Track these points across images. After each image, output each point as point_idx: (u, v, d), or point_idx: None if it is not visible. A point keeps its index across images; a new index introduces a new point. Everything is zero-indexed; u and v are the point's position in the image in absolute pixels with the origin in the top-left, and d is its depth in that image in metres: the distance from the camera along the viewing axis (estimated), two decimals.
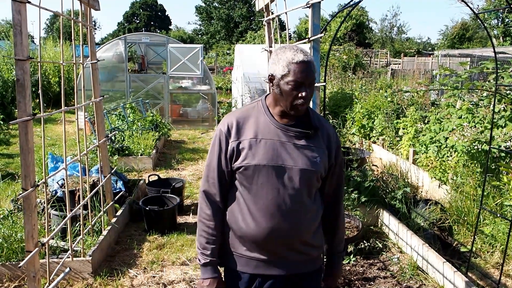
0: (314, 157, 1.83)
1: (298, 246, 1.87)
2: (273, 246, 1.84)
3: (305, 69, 1.75)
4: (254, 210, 1.81)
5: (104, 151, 4.40)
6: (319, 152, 1.85)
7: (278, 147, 1.81)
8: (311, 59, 1.77)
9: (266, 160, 1.79)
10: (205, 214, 1.90)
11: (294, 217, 1.81)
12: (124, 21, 65.96)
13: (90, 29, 3.89)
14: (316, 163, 1.83)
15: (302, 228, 1.85)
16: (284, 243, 1.84)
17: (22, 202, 2.71)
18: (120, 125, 8.10)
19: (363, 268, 3.84)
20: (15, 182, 6.04)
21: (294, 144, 1.82)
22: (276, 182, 1.79)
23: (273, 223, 1.80)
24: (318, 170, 1.83)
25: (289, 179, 1.80)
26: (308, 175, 1.82)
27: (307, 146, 1.83)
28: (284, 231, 1.81)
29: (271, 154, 1.80)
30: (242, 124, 1.84)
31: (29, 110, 2.58)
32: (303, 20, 40.17)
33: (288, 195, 1.80)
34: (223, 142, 1.83)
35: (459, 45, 34.76)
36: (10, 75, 12.19)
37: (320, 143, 1.87)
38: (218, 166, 1.85)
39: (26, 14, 2.49)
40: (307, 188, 1.84)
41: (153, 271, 3.82)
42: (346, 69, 15.84)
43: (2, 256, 3.56)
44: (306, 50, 1.84)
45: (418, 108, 7.58)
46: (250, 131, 1.82)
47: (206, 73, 11.33)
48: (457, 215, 4.45)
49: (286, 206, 1.80)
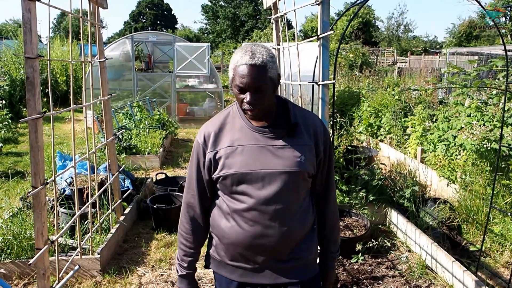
0: (297, 157, 1.71)
1: (285, 253, 1.77)
2: (258, 255, 1.77)
3: (249, 73, 1.61)
4: (237, 218, 1.75)
5: (112, 150, 4.41)
6: (303, 150, 1.72)
7: (256, 152, 1.71)
8: (260, 61, 1.61)
9: (244, 167, 1.70)
10: (184, 228, 1.90)
11: (280, 223, 1.71)
12: (131, 20, 66.19)
13: (98, 28, 3.90)
14: (300, 163, 1.71)
15: (288, 235, 1.73)
16: (269, 251, 1.75)
17: (32, 200, 2.73)
18: (128, 124, 8.13)
19: (371, 267, 3.83)
20: (24, 180, 6.08)
21: (273, 146, 1.71)
22: (257, 188, 1.70)
23: (256, 231, 1.73)
24: (304, 170, 1.71)
25: (271, 184, 1.69)
26: (292, 177, 1.70)
27: (288, 146, 1.71)
28: (269, 238, 1.72)
29: (249, 160, 1.71)
30: (218, 133, 1.78)
31: (39, 108, 2.59)
32: (309, 18, 40.12)
33: (271, 200, 1.69)
34: (201, 154, 1.79)
35: (466, 43, 34.56)
36: (18, 74, 12.28)
37: (304, 139, 1.74)
38: (198, 178, 1.82)
39: (35, 12, 2.50)
40: (293, 191, 1.72)
41: (161, 269, 3.83)
42: (352, 67, 15.80)
43: (12, 253, 3.59)
44: (262, 51, 1.64)
45: (426, 106, 7.53)
46: (226, 139, 1.75)
47: (212, 71, 11.34)
48: (466, 214, 4.42)
49: (270, 213, 1.71)
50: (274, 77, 1.68)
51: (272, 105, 1.74)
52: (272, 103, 1.74)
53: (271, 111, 1.76)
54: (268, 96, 1.67)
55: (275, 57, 1.73)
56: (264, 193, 1.70)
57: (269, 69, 1.64)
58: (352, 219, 4.50)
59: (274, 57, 1.70)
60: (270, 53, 1.69)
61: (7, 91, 11.71)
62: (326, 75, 2.62)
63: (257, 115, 1.70)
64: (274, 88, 1.71)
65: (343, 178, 4.85)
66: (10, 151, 8.17)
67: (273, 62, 1.67)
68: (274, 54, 1.71)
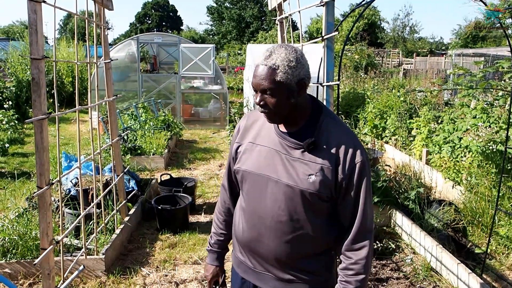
0: (308, 174, 1.59)
1: (284, 266, 1.71)
2: (256, 258, 1.76)
3: (258, 73, 1.56)
4: (243, 216, 1.77)
5: (117, 150, 4.43)
6: (317, 168, 1.59)
7: (270, 156, 1.67)
8: (271, 64, 1.54)
9: (253, 167, 1.69)
10: (217, 206, 2.01)
11: (274, 236, 1.67)
12: (136, 22, 66.45)
13: (104, 29, 3.92)
14: (307, 181, 1.58)
15: (284, 250, 1.67)
16: (265, 258, 1.73)
17: (37, 200, 2.74)
18: (133, 125, 8.16)
19: (375, 269, 3.82)
20: (30, 180, 6.11)
21: (288, 156, 1.63)
22: (259, 193, 1.68)
23: (252, 234, 1.73)
24: (310, 189, 1.58)
25: (272, 193, 1.64)
26: (293, 192, 1.60)
27: (302, 160, 1.61)
28: (264, 247, 1.70)
29: (260, 163, 1.68)
30: (249, 127, 1.79)
31: (44, 109, 2.61)
32: (314, 20, 40.08)
33: (269, 210, 1.65)
34: (232, 142, 1.84)
35: (473, 45, 34.39)
36: (25, 75, 12.35)
37: (324, 158, 1.59)
38: (229, 163, 1.89)
39: (41, 14, 2.52)
40: (295, 207, 1.62)
41: (166, 270, 3.83)
42: (358, 69, 15.78)
43: (17, 253, 3.61)
44: (281, 53, 1.57)
45: (432, 108, 7.51)
46: (252, 135, 1.75)
47: (217, 73, 11.36)
48: (471, 216, 4.40)
49: (265, 222, 1.68)
50: (288, 82, 1.55)
51: (285, 111, 1.62)
52: (286, 109, 1.61)
53: (293, 117, 1.65)
54: (277, 101, 1.57)
55: (300, 62, 1.58)
56: (265, 200, 1.67)
57: (279, 73, 1.54)
58: None
59: (297, 61, 1.57)
60: (292, 57, 1.56)
61: (13, 92, 11.78)
62: (330, 77, 2.62)
63: (270, 118, 1.64)
64: (288, 94, 1.58)
65: None
66: (16, 151, 8.22)
67: (289, 67, 1.54)
68: (298, 59, 1.57)
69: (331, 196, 1.62)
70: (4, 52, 15.65)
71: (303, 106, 1.66)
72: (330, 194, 1.61)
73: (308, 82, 1.62)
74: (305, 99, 1.66)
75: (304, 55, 1.63)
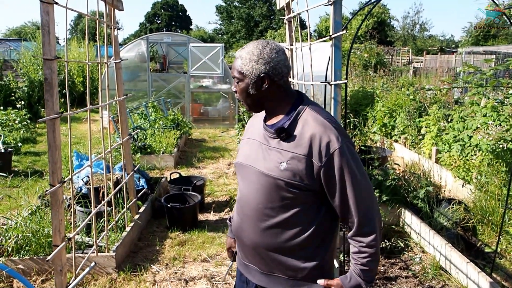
0: (279, 162, 1.63)
1: (259, 256, 1.75)
2: (242, 247, 1.84)
3: (233, 62, 1.72)
4: (236, 205, 1.88)
5: (127, 149, 4.48)
6: (288, 157, 1.62)
7: (254, 148, 1.76)
8: (239, 55, 1.69)
9: (242, 159, 1.80)
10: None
11: (252, 224, 1.73)
12: (146, 22, 66.71)
13: (114, 29, 3.97)
14: (278, 169, 1.62)
15: (261, 241, 1.71)
16: (248, 247, 1.79)
17: (50, 198, 2.79)
18: (143, 124, 8.22)
19: (384, 268, 3.82)
20: (42, 179, 6.21)
21: (266, 146, 1.70)
22: (244, 182, 1.78)
23: (238, 223, 1.83)
24: (281, 177, 1.61)
25: (251, 182, 1.72)
26: (266, 180, 1.65)
27: (276, 149, 1.66)
28: (245, 235, 1.78)
29: (247, 154, 1.78)
30: (250, 124, 1.91)
31: (57, 108, 2.65)
32: (323, 18, 39.98)
33: (248, 198, 1.74)
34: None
35: (484, 43, 34.05)
36: (37, 75, 12.50)
37: (297, 149, 1.62)
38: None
39: (53, 15, 2.56)
40: (268, 196, 1.66)
41: (175, 267, 3.87)
42: (367, 67, 15.70)
43: (30, 250, 3.67)
44: (251, 46, 1.68)
45: (441, 106, 7.46)
46: (249, 131, 1.88)
47: (226, 72, 11.39)
48: (481, 215, 4.38)
49: (243, 209, 1.77)
50: (248, 74, 1.66)
51: (249, 101, 1.73)
52: (249, 98, 1.72)
53: (271, 109, 1.74)
54: (241, 90, 1.71)
55: (262, 57, 1.65)
56: (246, 188, 1.76)
57: (241, 64, 1.67)
58: None
59: (259, 56, 1.65)
60: (256, 51, 1.66)
61: (25, 92, 11.94)
62: (338, 75, 2.63)
63: (245, 106, 1.78)
64: (249, 85, 1.68)
65: None
66: (28, 150, 8.33)
67: (250, 60, 1.65)
68: (262, 54, 1.66)
69: (306, 185, 1.62)
70: (16, 52, 15.84)
71: (276, 99, 1.73)
72: (304, 183, 1.61)
73: (276, 78, 1.68)
74: (279, 92, 1.72)
75: (277, 52, 1.68)
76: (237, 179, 1.93)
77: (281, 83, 1.71)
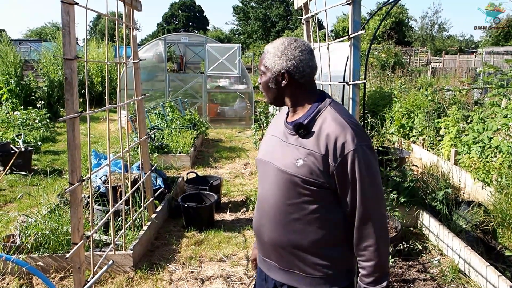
0: (296, 159, 1.62)
1: (278, 253, 1.74)
2: (262, 244, 1.82)
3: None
4: (257, 202, 1.87)
5: (144, 149, 4.51)
6: (304, 153, 1.61)
7: (274, 144, 1.77)
8: (266, 49, 1.74)
9: (261, 155, 1.81)
10: None
11: (270, 221, 1.73)
12: (163, 22, 67.32)
13: (133, 30, 4.00)
14: (295, 166, 1.62)
15: (278, 238, 1.71)
16: (266, 244, 1.78)
17: (69, 196, 2.83)
18: (160, 124, 8.29)
19: (401, 270, 3.78)
20: (61, 177, 6.30)
21: (285, 142, 1.71)
22: (263, 178, 1.78)
23: (257, 220, 1.82)
24: (297, 174, 1.60)
25: (270, 178, 1.72)
26: (284, 177, 1.65)
27: (294, 146, 1.66)
28: (264, 232, 1.77)
29: (266, 150, 1.80)
30: (273, 122, 1.93)
31: (77, 108, 2.69)
32: (340, 18, 39.73)
33: (267, 195, 1.74)
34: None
35: (504, 43, 33.42)
36: (56, 75, 12.70)
37: (314, 146, 1.61)
38: None
39: (74, 15, 2.60)
40: (284, 191, 1.66)
41: (191, 267, 3.89)
42: (385, 68, 15.55)
43: (49, 248, 3.72)
44: (278, 41, 1.73)
45: (461, 107, 7.35)
46: (271, 128, 1.88)
47: (243, 72, 11.41)
48: (501, 218, 4.30)
49: (263, 206, 1.77)
50: (271, 68, 1.70)
51: (269, 94, 1.77)
52: (269, 92, 1.76)
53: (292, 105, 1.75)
54: (263, 83, 1.75)
55: (285, 53, 1.68)
56: (265, 185, 1.76)
57: (265, 58, 1.71)
58: None
59: (282, 51, 1.68)
60: (281, 47, 1.69)
61: (45, 91, 12.15)
62: (357, 75, 2.61)
63: (266, 99, 1.80)
64: (270, 79, 1.72)
65: None
66: (48, 149, 8.47)
67: (273, 54, 1.69)
68: (285, 50, 1.68)
69: (323, 184, 1.60)
70: (36, 53, 16.12)
71: (297, 96, 1.73)
72: (320, 181, 1.60)
73: (296, 76, 1.68)
74: (300, 90, 1.72)
75: (302, 50, 1.69)
76: (253, 179, 1.91)
77: (302, 81, 1.70)
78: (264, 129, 8.77)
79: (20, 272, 3.53)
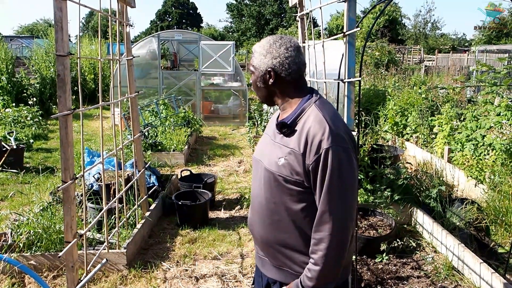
0: (278, 157, 1.65)
1: (269, 250, 1.76)
2: (255, 240, 1.88)
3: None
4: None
5: (138, 146, 4.49)
6: (285, 152, 1.63)
7: (264, 142, 1.83)
8: (254, 48, 1.76)
9: (256, 153, 1.86)
10: None
11: (258, 218, 1.78)
12: (157, 19, 66.94)
13: (126, 26, 3.97)
14: (276, 164, 1.64)
15: (264, 233, 1.75)
16: (257, 240, 1.84)
17: (62, 194, 2.80)
18: (153, 121, 8.25)
19: (396, 267, 3.79)
20: (54, 175, 6.25)
21: (273, 141, 1.74)
22: (255, 176, 1.83)
23: (249, 217, 1.88)
24: (278, 172, 1.63)
25: (259, 176, 1.77)
26: (268, 176, 1.68)
27: (278, 144, 1.69)
28: (254, 228, 1.83)
29: (260, 148, 1.85)
30: (272, 119, 1.93)
31: (69, 105, 2.66)
32: (334, 16, 39.76)
33: (256, 192, 1.79)
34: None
35: (497, 41, 33.63)
36: (48, 72, 12.59)
37: (295, 144, 1.61)
38: None
39: (67, 11, 2.57)
40: (269, 190, 1.69)
41: (186, 265, 3.88)
42: (378, 66, 15.58)
43: (41, 246, 3.69)
44: (265, 40, 1.74)
45: (454, 105, 7.38)
46: (268, 126, 1.91)
47: (237, 70, 11.38)
48: (494, 215, 4.32)
49: (254, 204, 1.82)
50: (258, 67, 1.72)
51: (259, 93, 1.79)
52: (258, 91, 1.78)
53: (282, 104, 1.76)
54: (252, 82, 1.77)
55: (269, 52, 1.68)
56: (255, 183, 1.81)
57: (253, 58, 1.74)
58: (376, 219, 4.46)
59: (267, 50, 1.69)
60: (265, 45, 1.70)
61: (37, 88, 12.05)
62: (351, 73, 2.61)
63: (258, 98, 1.82)
64: (258, 77, 1.73)
65: (367, 177, 4.81)
66: (40, 147, 8.40)
67: (259, 53, 1.71)
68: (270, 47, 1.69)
69: (302, 182, 1.59)
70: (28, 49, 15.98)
71: (284, 94, 1.73)
72: (300, 180, 1.59)
73: (283, 73, 1.67)
74: (288, 88, 1.72)
75: (287, 48, 1.67)
76: (247, 177, 1.94)
77: (289, 79, 1.70)
78: (258, 126, 8.77)
79: (12, 271, 3.50)
